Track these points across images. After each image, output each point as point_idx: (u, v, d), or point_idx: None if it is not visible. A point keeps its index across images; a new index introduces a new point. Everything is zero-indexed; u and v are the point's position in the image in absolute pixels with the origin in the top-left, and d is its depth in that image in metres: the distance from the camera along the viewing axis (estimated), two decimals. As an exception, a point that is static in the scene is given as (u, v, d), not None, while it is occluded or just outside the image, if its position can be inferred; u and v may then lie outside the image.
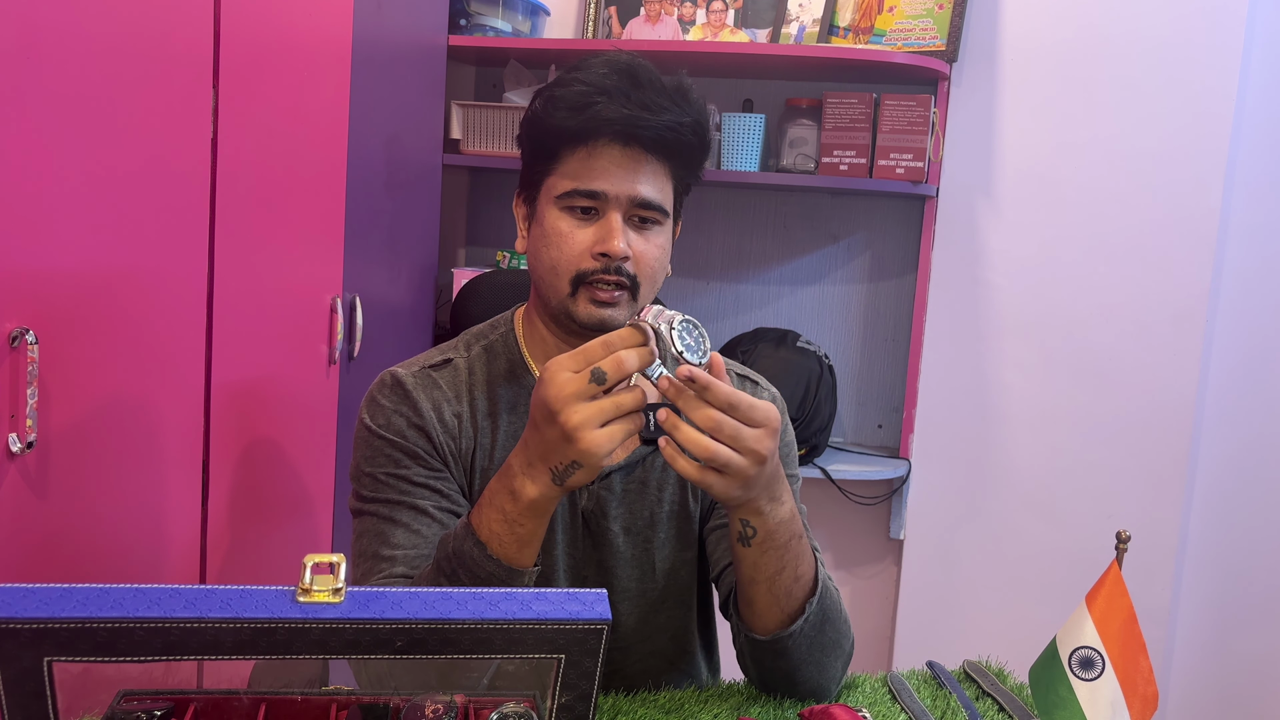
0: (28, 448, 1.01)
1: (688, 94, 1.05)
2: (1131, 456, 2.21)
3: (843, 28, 2.26)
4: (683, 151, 1.05)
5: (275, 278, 1.46)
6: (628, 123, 1.00)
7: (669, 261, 1.09)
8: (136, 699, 0.74)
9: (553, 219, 1.04)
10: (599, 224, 1.02)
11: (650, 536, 1.12)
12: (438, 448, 1.07)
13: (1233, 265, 2.21)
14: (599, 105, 1.00)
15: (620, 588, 1.12)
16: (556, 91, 1.04)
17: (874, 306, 2.40)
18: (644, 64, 1.04)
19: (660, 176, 1.04)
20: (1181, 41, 2.13)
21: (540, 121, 1.05)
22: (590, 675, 0.66)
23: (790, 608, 0.99)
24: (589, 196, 1.02)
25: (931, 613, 2.36)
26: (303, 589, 0.61)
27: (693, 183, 1.11)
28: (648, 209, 1.03)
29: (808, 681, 1.03)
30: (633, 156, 1.02)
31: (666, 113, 1.02)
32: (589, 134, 1.01)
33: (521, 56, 2.34)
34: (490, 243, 2.55)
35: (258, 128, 1.37)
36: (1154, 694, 0.94)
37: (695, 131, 1.05)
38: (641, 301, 1.05)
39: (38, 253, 1.02)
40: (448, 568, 0.92)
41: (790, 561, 0.98)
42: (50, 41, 1.01)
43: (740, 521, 0.95)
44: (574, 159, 1.03)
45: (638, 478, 1.11)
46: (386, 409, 1.07)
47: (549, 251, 1.04)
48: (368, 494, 1.06)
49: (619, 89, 1.01)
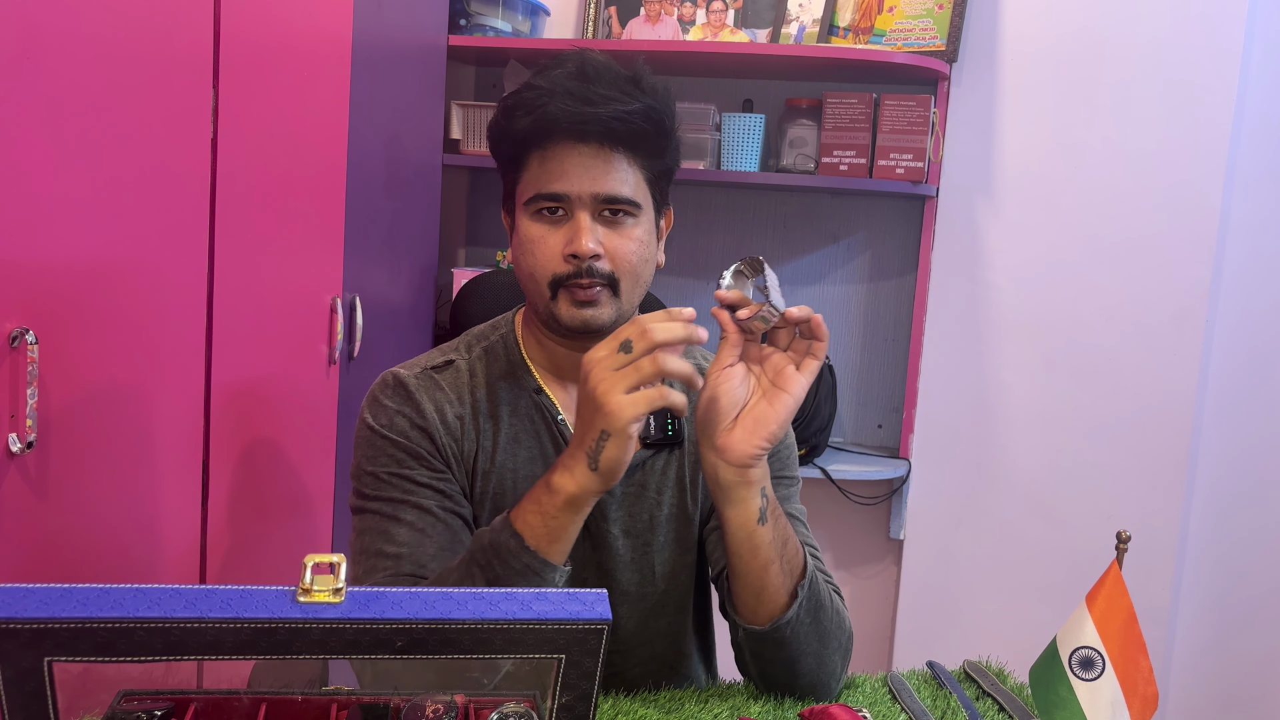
0: (28, 448, 1.01)
1: (640, 81, 1.03)
2: (1131, 456, 2.21)
3: (843, 28, 2.26)
4: (641, 140, 1.03)
5: (275, 278, 1.46)
6: (574, 119, 1.00)
7: (659, 252, 1.08)
8: (136, 699, 0.74)
9: (525, 226, 1.04)
10: (568, 226, 1.02)
11: (649, 540, 1.12)
12: (440, 449, 1.07)
13: (1233, 265, 2.21)
14: (546, 106, 1.00)
15: (619, 590, 1.12)
16: (511, 99, 1.04)
17: (874, 306, 2.40)
18: (597, 59, 1.03)
19: (624, 169, 1.03)
20: (1181, 42, 2.13)
21: (499, 128, 1.05)
22: (590, 675, 0.66)
23: (792, 585, 1.01)
24: (552, 199, 1.02)
25: (931, 613, 2.36)
26: (303, 589, 0.61)
27: (666, 169, 1.08)
28: (615, 203, 1.02)
29: (807, 674, 1.04)
30: (590, 154, 1.01)
31: (613, 103, 1.00)
32: (542, 136, 1.01)
33: (521, 56, 2.34)
34: (490, 243, 2.55)
35: (258, 128, 1.37)
36: (1154, 694, 0.94)
37: (648, 118, 1.02)
38: (626, 298, 1.04)
39: (38, 252, 1.02)
40: (482, 559, 0.93)
41: (789, 529, 1.02)
42: (50, 42, 1.01)
43: (762, 494, 0.97)
44: (534, 162, 1.03)
45: (637, 481, 1.11)
46: (390, 409, 1.07)
47: (525, 259, 1.04)
48: (369, 492, 1.05)
49: (564, 87, 1.00)
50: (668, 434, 1.11)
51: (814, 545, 1.13)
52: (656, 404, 0.87)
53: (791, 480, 1.16)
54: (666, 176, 1.09)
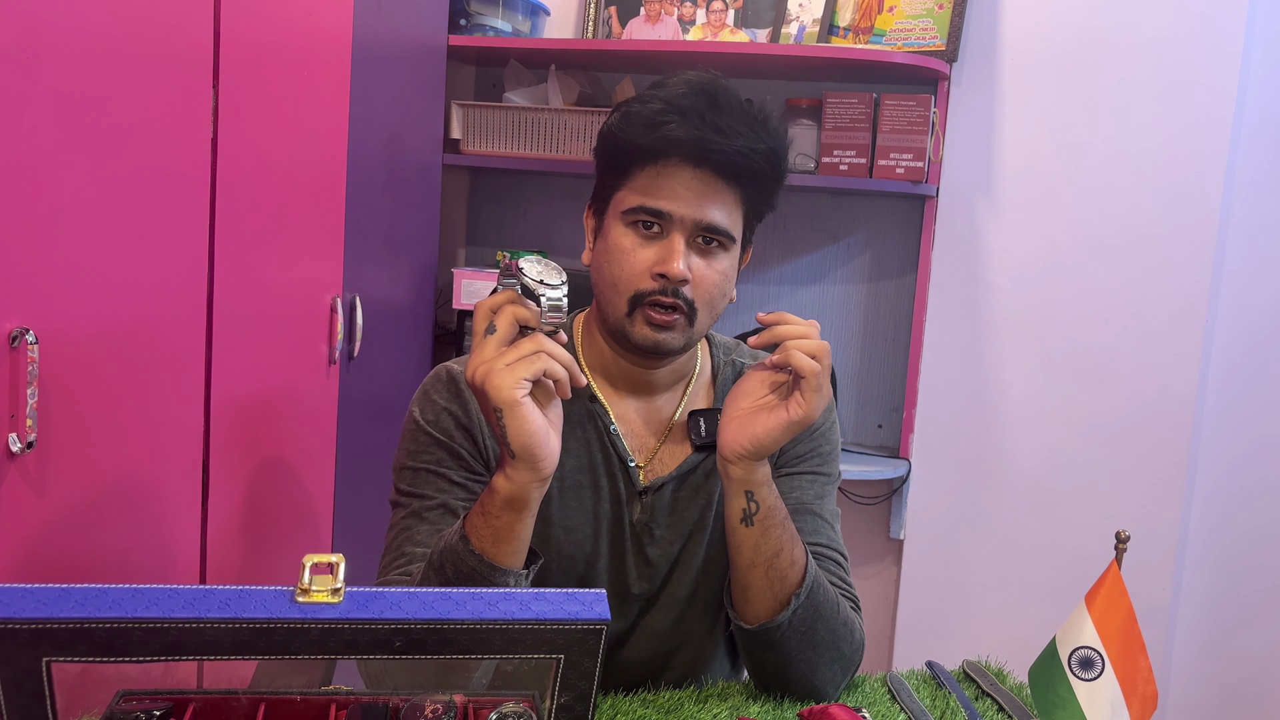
0: (28, 448, 1.01)
1: (767, 121, 1.03)
2: (1131, 456, 2.21)
3: (843, 28, 2.26)
4: (755, 178, 1.03)
5: (275, 278, 1.46)
6: (699, 144, 0.99)
7: (733, 288, 1.08)
8: (136, 699, 0.74)
9: (617, 235, 1.03)
10: (662, 244, 1.01)
11: (699, 540, 1.12)
12: (481, 450, 1.07)
13: (1233, 265, 2.21)
14: (672, 124, 0.99)
15: (669, 593, 1.12)
16: (633, 107, 1.03)
17: (874, 306, 2.40)
18: (724, 86, 1.03)
19: (729, 202, 1.03)
20: (1181, 42, 2.13)
21: (614, 136, 1.04)
22: (589, 675, 0.66)
23: (783, 594, 1.00)
24: (654, 215, 1.01)
25: (931, 613, 2.36)
26: (301, 589, 0.61)
27: (766, 210, 1.09)
28: (713, 233, 1.02)
29: (799, 679, 1.03)
30: (702, 179, 1.01)
31: (740, 138, 1.00)
32: (659, 153, 1.00)
33: (521, 56, 2.34)
34: (490, 243, 2.55)
35: (258, 128, 1.37)
36: (1153, 694, 0.94)
37: (769, 160, 1.03)
38: (698, 327, 1.04)
39: (38, 253, 1.02)
40: (438, 561, 0.93)
41: (787, 543, 1.00)
42: (50, 42, 1.01)
43: (746, 495, 0.97)
44: (643, 176, 1.02)
45: (689, 485, 1.12)
46: (437, 405, 1.07)
47: (610, 267, 1.03)
48: (405, 488, 1.06)
49: (694, 109, 0.99)
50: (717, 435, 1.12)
51: (840, 551, 1.12)
52: (536, 366, 0.86)
53: (824, 477, 1.15)
54: (760, 217, 1.09)
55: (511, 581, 0.91)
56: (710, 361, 1.17)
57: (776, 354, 0.96)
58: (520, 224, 2.53)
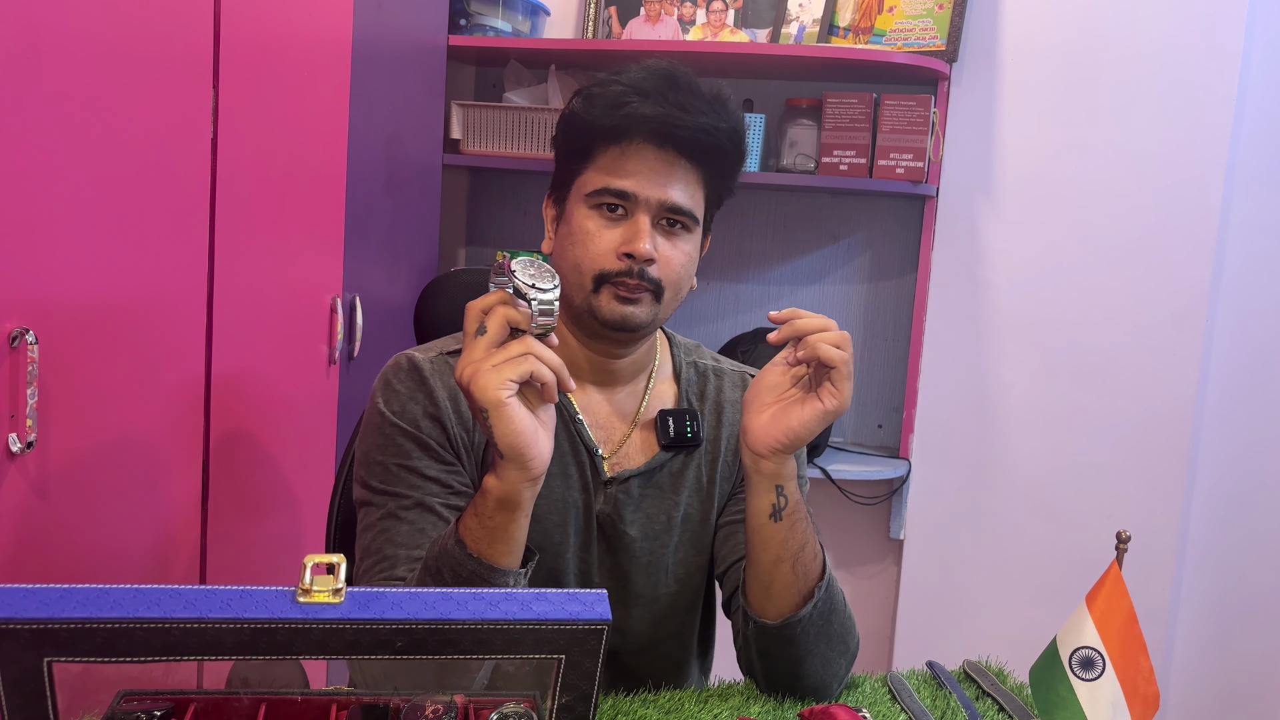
0: (28, 448, 1.01)
1: (725, 101, 1.05)
2: (1131, 456, 2.21)
3: (843, 28, 2.26)
4: (718, 157, 1.05)
5: (275, 278, 1.46)
6: (662, 122, 1.00)
7: (694, 274, 1.09)
8: (136, 699, 0.74)
9: (580, 217, 1.04)
10: (626, 225, 1.02)
11: (666, 541, 1.12)
12: (451, 439, 1.05)
13: (1233, 265, 2.21)
14: (634, 104, 1.01)
15: (635, 593, 1.12)
16: (594, 90, 1.04)
17: (874, 306, 2.40)
18: (683, 70, 1.04)
19: (692, 183, 1.04)
20: (1181, 42, 2.13)
21: (577, 118, 1.05)
22: (590, 675, 0.66)
23: (806, 588, 1.01)
24: (618, 196, 1.02)
25: (931, 613, 2.36)
26: (303, 589, 0.61)
27: (725, 194, 1.10)
28: (677, 214, 1.03)
29: (812, 675, 1.03)
30: (666, 160, 1.02)
31: (703, 115, 1.02)
32: (623, 132, 1.02)
33: (521, 56, 2.34)
34: (490, 243, 2.55)
35: (258, 128, 1.37)
36: (1154, 694, 0.94)
37: (731, 138, 1.04)
38: (664, 307, 1.05)
39: (38, 253, 1.02)
40: (434, 566, 0.92)
41: (811, 537, 1.01)
42: (50, 42, 1.00)
43: (776, 490, 0.98)
44: (607, 157, 1.03)
45: (656, 483, 1.11)
46: (402, 395, 1.05)
47: (574, 250, 1.04)
48: (377, 485, 1.04)
49: (656, 90, 1.01)
50: (686, 436, 1.12)
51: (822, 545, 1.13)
52: (522, 368, 0.84)
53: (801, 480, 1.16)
54: (719, 202, 1.10)
55: (511, 581, 0.91)
56: (671, 359, 1.18)
57: (800, 349, 0.96)
58: (520, 224, 2.53)
